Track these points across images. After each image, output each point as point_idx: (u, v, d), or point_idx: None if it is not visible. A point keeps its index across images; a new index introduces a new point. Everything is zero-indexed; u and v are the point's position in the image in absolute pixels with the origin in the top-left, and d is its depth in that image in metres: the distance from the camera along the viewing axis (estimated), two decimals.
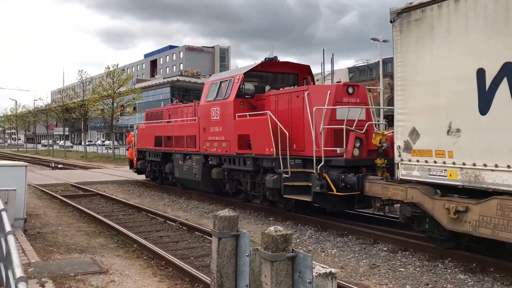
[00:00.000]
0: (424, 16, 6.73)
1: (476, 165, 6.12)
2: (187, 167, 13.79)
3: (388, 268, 6.96)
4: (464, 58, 6.21)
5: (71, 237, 9.25)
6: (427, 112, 6.70)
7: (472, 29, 6.11)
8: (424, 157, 6.83)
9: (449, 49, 6.40)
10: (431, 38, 6.63)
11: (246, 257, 4.70)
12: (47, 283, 6.00)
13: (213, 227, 5.02)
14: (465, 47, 6.19)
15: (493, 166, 5.90)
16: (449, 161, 6.44)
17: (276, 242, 3.94)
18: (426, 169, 6.81)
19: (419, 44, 6.82)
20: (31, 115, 62.69)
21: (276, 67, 12.23)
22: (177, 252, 7.98)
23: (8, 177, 9.43)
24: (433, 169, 6.70)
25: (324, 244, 8.50)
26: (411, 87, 6.95)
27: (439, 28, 6.51)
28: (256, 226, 10.29)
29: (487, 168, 5.96)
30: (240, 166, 11.35)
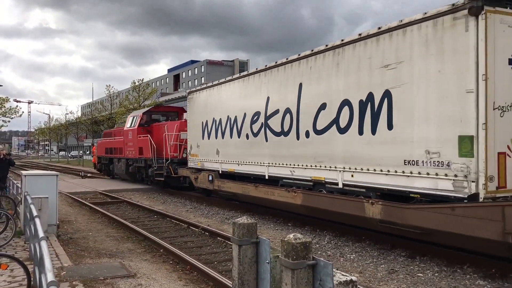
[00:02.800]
0: (192, 96, 16.22)
1: (203, 160, 15.19)
2: (119, 165, 23.66)
3: (406, 273, 7.01)
4: (207, 114, 14.92)
5: (101, 242, 9.64)
6: (192, 137, 16.16)
7: (211, 101, 14.94)
8: (193, 157, 16.08)
9: (196, 112, 15.96)
10: (193, 106, 16.09)
11: (267, 264, 4.75)
12: (78, 286, 6.30)
13: (233, 234, 5.11)
14: (200, 114, 15.53)
15: (208, 160, 14.84)
16: (198, 159, 15.62)
17: (296, 249, 4.00)
18: (193, 162, 16.05)
19: (190, 109, 16.35)
20: (63, 127, 65.10)
21: (164, 108, 24.47)
22: (201, 257, 8.23)
23: (41, 186, 9.95)
24: (194, 162, 15.93)
25: (343, 249, 8.60)
26: (192, 127, 16.10)
27: (196, 102, 15.84)
28: (276, 231, 10.45)
29: (207, 160, 14.96)
30: (139, 164, 21.21)
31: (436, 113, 7.04)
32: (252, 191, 11.86)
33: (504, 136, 6.54)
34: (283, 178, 10.95)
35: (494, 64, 6.48)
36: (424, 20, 7.21)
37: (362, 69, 8.45)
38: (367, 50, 8.33)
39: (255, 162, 12.08)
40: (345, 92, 8.86)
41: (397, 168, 7.70)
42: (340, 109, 8.99)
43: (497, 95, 6.47)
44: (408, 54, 7.51)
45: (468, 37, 6.55)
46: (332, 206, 8.99)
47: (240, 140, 12.85)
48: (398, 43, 7.69)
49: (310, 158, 9.89)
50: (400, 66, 7.67)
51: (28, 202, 8.44)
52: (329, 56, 9.38)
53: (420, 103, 7.30)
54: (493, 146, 6.47)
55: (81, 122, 57.57)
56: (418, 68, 7.33)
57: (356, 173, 8.62)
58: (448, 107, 6.85)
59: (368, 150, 8.31)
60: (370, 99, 8.26)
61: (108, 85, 53.33)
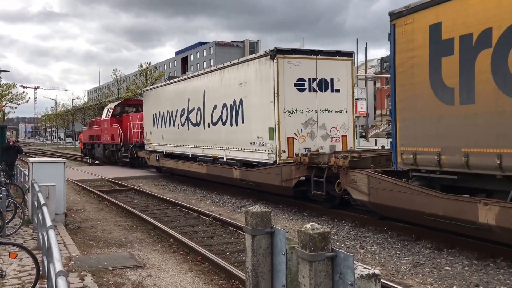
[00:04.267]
0: (146, 94, 21.35)
1: (154, 144, 19.90)
2: (98, 150, 27.95)
3: (432, 266, 6.63)
4: (156, 108, 19.73)
5: (109, 231, 9.45)
6: (147, 126, 20.91)
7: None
8: (147, 142, 20.69)
9: (149, 106, 20.80)
10: (147, 101, 21.09)
11: (282, 255, 4.53)
12: (87, 276, 6.13)
13: (246, 224, 4.86)
14: (151, 108, 20.35)
15: (157, 144, 19.59)
16: (151, 143, 20.26)
17: (314, 240, 3.74)
18: (147, 145, 20.59)
19: (145, 103, 21.29)
20: (69, 113, 65.23)
21: (134, 101, 27.72)
22: (212, 247, 7.98)
23: (48, 173, 9.76)
24: (148, 145, 20.60)
25: (363, 241, 8.25)
26: (146, 118, 20.71)
27: (149, 98, 20.79)
28: (290, 221, 10.15)
29: (156, 144, 19.68)
30: (112, 148, 25.51)
31: (260, 114, 12.00)
32: (181, 165, 17.01)
33: (291, 128, 11.50)
34: (198, 155, 15.93)
35: (284, 86, 11.37)
36: (257, 58, 12.24)
37: (231, 84, 13.43)
38: (234, 73, 13.33)
39: (183, 145, 17.06)
40: (224, 98, 13.83)
41: (247, 147, 12.73)
42: (222, 109, 13.94)
43: (286, 104, 11.40)
44: (249, 78, 12.48)
45: (271, 70, 11.42)
46: (220, 172, 14.18)
47: (175, 128, 17.76)
48: (246, 71, 12.68)
49: (211, 142, 14.91)
50: (247, 85, 12.61)
51: (35, 190, 8.28)
52: (216, 74, 14.49)
53: (255, 108, 12.27)
54: (284, 133, 11.43)
55: (88, 107, 57.54)
56: (254, 87, 12.27)
57: (232, 151, 13.62)
58: (264, 111, 11.75)
59: (235, 136, 13.33)
60: (235, 104, 13.20)
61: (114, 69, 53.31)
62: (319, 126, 11.83)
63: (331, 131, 12.01)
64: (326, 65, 11.82)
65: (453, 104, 7.00)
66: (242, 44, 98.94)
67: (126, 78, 52.53)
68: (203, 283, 6.14)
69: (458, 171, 7.03)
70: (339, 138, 12.05)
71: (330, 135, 12.00)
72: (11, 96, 43.62)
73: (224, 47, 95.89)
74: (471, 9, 6.66)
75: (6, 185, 11.16)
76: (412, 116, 7.74)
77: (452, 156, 7.01)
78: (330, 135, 12.00)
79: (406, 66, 7.80)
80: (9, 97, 43.42)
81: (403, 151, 7.93)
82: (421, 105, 7.52)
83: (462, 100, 6.82)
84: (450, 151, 7.04)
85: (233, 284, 6.03)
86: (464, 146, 6.81)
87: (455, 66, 6.90)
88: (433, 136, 7.36)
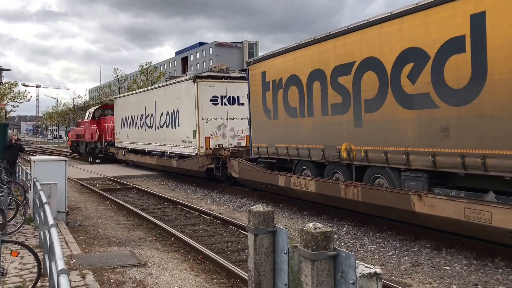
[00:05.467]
0: (116, 101, 26.81)
1: (122, 141, 24.61)
2: (82, 147, 31.98)
3: (432, 266, 6.66)
4: (123, 113, 24.61)
5: (110, 230, 9.47)
6: (117, 127, 25.66)
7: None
8: (117, 140, 25.45)
9: (118, 111, 25.75)
10: (116, 107, 26.21)
11: (284, 254, 4.55)
12: (88, 274, 6.14)
13: (248, 223, 4.88)
14: (119, 112, 25.41)
15: (124, 141, 24.31)
16: (119, 141, 25.04)
17: (316, 239, 3.77)
18: (117, 143, 25.42)
19: (115, 109, 26.35)
20: (71, 112, 65.27)
21: (110, 105, 29.81)
22: (213, 246, 8.00)
23: (50, 172, 9.78)
24: (118, 143, 25.34)
25: (363, 240, 8.26)
26: (116, 121, 25.66)
27: (118, 104, 25.96)
28: (291, 220, 10.17)
29: (123, 142, 24.40)
30: (92, 145, 29.17)
31: (188, 120, 16.71)
32: (140, 159, 21.82)
33: (208, 130, 16.08)
34: (153, 151, 20.62)
35: (202, 101, 16.03)
36: (185, 81, 17.09)
37: (172, 98, 18.34)
38: (173, 89, 18.35)
39: (142, 143, 21.78)
40: (167, 107, 18.78)
41: (181, 144, 17.39)
42: (166, 116, 18.84)
43: (204, 114, 16.03)
44: (182, 94, 17.35)
45: (194, 89, 16.11)
46: (164, 162, 18.96)
47: (136, 130, 22.65)
48: (179, 88, 17.59)
49: (160, 140, 19.73)
50: (180, 99, 17.42)
51: (37, 189, 8.29)
52: (163, 89, 19.69)
53: (185, 116, 17.05)
54: (203, 134, 16.02)
55: (89, 106, 57.68)
56: (184, 100, 17.05)
57: (172, 147, 18.24)
58: (190, 118, 16.41)
59: (174, 136, 18.11)
60: (174, 112, 18.14)
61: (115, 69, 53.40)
62: (229, 129, 16.60)
63: (237, 132, 16.66)
64: (234, 86, 16.59)
65: (270, 119, 12.10)
66: (241, 45, 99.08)
67: (127, 78, 52.56)
68: (203, 281, 6.16)
69: (275, 157, 12.15)
70: (243, 137, 16.49)
71: (237, 135, 16.66)
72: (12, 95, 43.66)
73: (223, 48, 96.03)
74: (276, 65, 11.82)
75: (8, 183, 11.17)
76: (257, 125, 12.85)
77: (271, 149, 12.11)
78: (237, 135, 16.66)
79: (253, 95, 12.93)
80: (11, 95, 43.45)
81: (254, 146, 13.02)
82: (259, 119, 12.68)
83: (274, 116, 11.93)
84: (270, 146, 12.13)
85: (234, 282, 6.05)
86: (275, 142, 11.91)
87: (270, 97, 12.02)
88: (263, 136, 12.53)
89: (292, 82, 11.00)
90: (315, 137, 10.31)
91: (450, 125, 7.15)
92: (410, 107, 7.86)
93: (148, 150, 20.91)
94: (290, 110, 11.15)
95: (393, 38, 8.13)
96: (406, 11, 7.89)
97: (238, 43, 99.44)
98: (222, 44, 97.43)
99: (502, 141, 6.36)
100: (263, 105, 12.27)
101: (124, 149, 23.99)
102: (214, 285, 6.02)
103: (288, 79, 11.14)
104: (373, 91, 8.58)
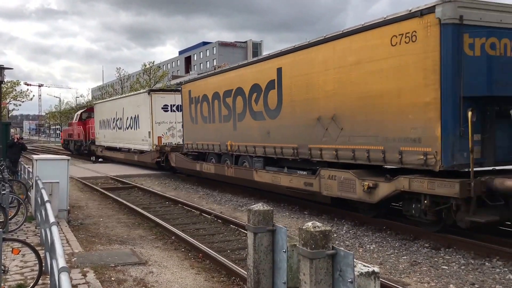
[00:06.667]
0: (96, 106, 32.07)
1: (100, 140, 29.31)
2: (72, 144, 36.71)
3: (430, 265, 6.68)
4: (101, 116, 29.32)
5: (112, 228, 9.52)
6: (96, 128, 30.41)
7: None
8: (97, 139, 29.99)
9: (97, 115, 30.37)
10: (97, 111, 30.76)
11: (284, 253, 4.59)
12: (89, 273, 6.19)
13: (248, 222, 4.92)
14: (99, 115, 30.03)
15: (102, 140, 29.21)
16: (99, 140, 29.76)
17: (315, 238, 3.80)
18: (97, 141, 30.12)
19: (96, 113, 30.93)
20: (73, 111, 65.42)
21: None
22: (214, 245, 8.03)
23: (52, 171, 9.83)
24: (97, 141, 30.02)
25: (362, 239, 8.29)
26: (96, 122, 30.46)
27: (97, 109, 30.75)
28: (291, 220, 10.20)
29: (101, 141, 29.03)
30: (79, 143, 34.47)
31: (145, 124, 21.54)
32: (113, 154, 26.61)
33: (160, 131, 20.86)
34: (123, 148, 25.09)
35: (155, 109, 20.96)
36: (143, 93, 22.46)
37: (134, 105, 22.94)
38: (134, 98, 23.59)
39: (115, 141, 26.24)
40: (131, 113, 23.28)
41: (140, 142, 22.04)
42: (131, 119, 23.32)
43: (157, 119, 20.87)
44: (141, 103, 22.06)
45: (148, 100, 21.05)
46: (129, 157, 23.72)
47: (110, 130, 27.07)
48: (139, 98, 22.56)
49: (127, 139, 24.12)
50: (140, 107, 22.03)
51: (39, 187, 8.34)
52: (127, 98, 25.15)
53: (143, 120, 21.79)
54: (156, 134, 20.83)
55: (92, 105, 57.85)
56: (142, 108, 21.82)
57: (135, 145, 22.74)
58: (147, 122, 21.27)
59: (136, 136, 22.52)
60: (135, 117, 22.63)
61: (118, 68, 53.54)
62: (177, 130, 20.57)
63: None
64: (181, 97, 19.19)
65: (193, 124, 16.56)
66: (245, 45, 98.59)
67: (130, 77, 52.67)
68: (204, 280, 6.20)
69: (197, 151, 16.61)
70: None
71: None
72: (15, 94, 43.78)
73: (227, 47, 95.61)
74: (197, 86, 16.48)
75: (10, 181, 11.23)
76: (186, 128, 17.42)
77: (195, 145, 16.57)
78: None
79: (184, 106, 17.57)
80: (13, 94, 43.58)
81: (185, 143, 17.50)
82: (187, 124, 17.23)
83: (195, 122, 16.45)
84: (194, 143, 16.60)
85: (234, 281, 6.09)
86: (197, 140, 16.32)
87: (194, 109, 16.52)
88: (190, 136, 17.01)
89: (204, 99, 15.68)
90: (215, 136, 15.00)
91: (270, 130, 11.87)
92: (256, 119, 12.55)
93: (119, 147, 25.60)
94: (204, 118, 15.77)
95: (248, 77, 12.81)
96: (252, 62, 13.06)
97: (242, 42, 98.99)
98: (226, 43, 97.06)
99: (290, 140, 10.99)
100: (189, 114, 16.94)
101: (101, 147, 28.60)
102: (214, 284, 6.06)
103: (202, 97, 15.80)
104: (241, 108, 13.21)
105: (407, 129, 7.66)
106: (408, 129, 7.64)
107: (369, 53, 8.37)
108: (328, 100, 9.52)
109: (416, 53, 7.45)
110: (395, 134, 7.92)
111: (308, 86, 10.14)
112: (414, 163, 7.57)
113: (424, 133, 7.38)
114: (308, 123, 10.15)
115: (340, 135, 9.20)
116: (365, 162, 8.60)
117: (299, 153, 10.60)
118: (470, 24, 7.15)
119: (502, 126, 7.45)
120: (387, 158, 8.05)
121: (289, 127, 10.95)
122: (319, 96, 9.82)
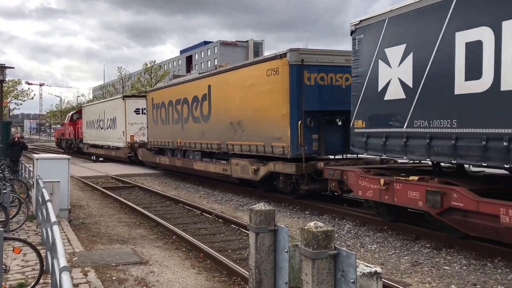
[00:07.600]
0: (83, 108, 37.21)
1: (87, 138, 32.88)
2: (64, 143, 40.50)
3: (431, 265, 6.66)
4: (87, 118, 33.06)
5: (112, 228, 9.51)
6: (84, 128, 34.03)
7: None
8: (85, 138, 33.38)
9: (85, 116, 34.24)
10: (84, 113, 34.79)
11: (285, 253, 4.57)
12: (90, 272, 6.18)
13: (249, 222, 4.90)
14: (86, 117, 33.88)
15: (89, 138, 32.64)
16: (86, 138, 33.17)
17: (317, 238, 3.79)
18: (85, 139, 33.41)
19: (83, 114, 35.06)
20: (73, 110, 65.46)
21: None
22: (215, 244, 8.03)
23: (53, 170, 9.82)
24: (85, 139, 33.33)
25: (363, 240, 8.28)
26: (84, 123, 34.04)
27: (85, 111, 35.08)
28: (292, 220, 10.19)
29: (88, 139, 32.60)
30: (70, 142, 38.34)
31: (120, 124, 25.51)
32: (96, 151, 29.82)
33: (132, 131, 24.59)
34: (104, 145, 28.32)
35: (129, 112, 24.80)
36: (118, 98, 26.86)
37: (112, 109, 26.92)
38: (112, 103, 27.66)
39: (98, 139, 29.65)
40: (110, 115, 27.22)
41: (117, 140, 25.82)
42: (110, 121, 27.22)
43: (129, 120, 24.84)
44: (116, 107, 26.06)
45: (123, 104, 25.07)
46: (108, 152, 27.56)
47: (94, 130, 30.54)
48: (114, 103, 26.96)
49: (107, 138, 27.54)
50: (116, 110, 25.94)
51: (40, 186, 8.33)
52: (108, 102, 29.38)
53: (119, 121, 25.64)
54: (129, 133, 24.54)
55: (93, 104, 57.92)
56: (117, 111, 25.76)
57: (113, 142, 26.52)
58: (121, 123, 25.24)
59: (113, 135, 26.49)
60: (113, 118, 26.54)
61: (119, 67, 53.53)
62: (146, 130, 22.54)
63: None
64: None
65: (155, 125, 20.27)
66: (246, 44, 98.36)
67: (131, 76, 52.65)
68: (205, 279, 6.19)
69: (157, 146, 20.23)
70: None
71: None
72: (16, 93, 43.78)
73: (228, 47, 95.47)
74: (157, 95, 20.20)
75: (11, 180, 11.23)
76: (150, 128, 20.93)
77: (156, 142, 20.08)
78: None
79: (148, 111, 21.10)
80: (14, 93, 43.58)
81: (149, 140, 20.95)
82: (150, 125, 20.77)
83: (156, 123, 20.12)
84: (155, 140, 20.14)
85: (235, 281, 6.08)
86: (157, 138, 20.06)
87: (155, 113, 20.03)
88: (153, 135, 20.47)
89: (163, 106, 19.21)
90: (170, 135, 18.51)
91: (204, 131, 15.50)
92: (195, 122, 16.23)
93: (101, 145, 29.11)
94: (162, 120, 19.29)
95: (191, 90, 16.71)
96: (193, 79, 17.46)
97: (244, 42, 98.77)
98: (227, 43, 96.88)
99: (216, 138, 14.62)
100: (152, 117, 20.52)
101: (88, 145, 32.27)
102: (215, 283, 6.05)
103: (161, 104, 19.34)
104: (186, 114, 16.95)
105: (275, 131, 11.58)
106: (275, 131, 11.55)
107: (257, 79, 12.27)
108: (237, 110, 13.40)
109: (278, 82, 11.35)
110: (269, 134, 11.83)
111: (226, 99, 14.06)
112: (278, 153, 11.51)
113: (283, 134, 11.31)
114: (226, 126, 13.96)
115: (243, 135, 13.10)
116: (255, 153, 12.57)
117: (221, 148, 14.47)
118: (308, 64, 11.00)
119: (330, 129, 11.44)
120: (266, 150, 12.03)
121: (215, 128, 14.72)
122: (231, 107, 13.70)
